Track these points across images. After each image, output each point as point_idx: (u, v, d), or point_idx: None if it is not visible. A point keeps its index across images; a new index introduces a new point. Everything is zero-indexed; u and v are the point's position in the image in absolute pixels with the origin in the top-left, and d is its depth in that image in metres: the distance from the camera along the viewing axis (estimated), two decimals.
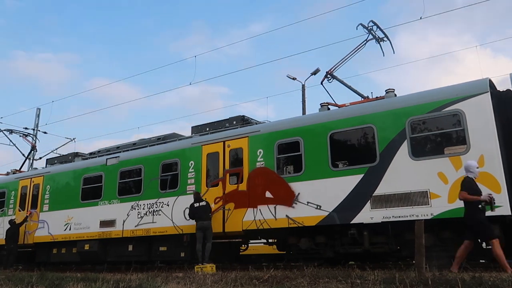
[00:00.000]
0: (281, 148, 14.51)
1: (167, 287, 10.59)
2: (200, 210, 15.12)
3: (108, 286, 10.34)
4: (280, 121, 15.52)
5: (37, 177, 22.02)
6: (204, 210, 15.09)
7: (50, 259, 20.84)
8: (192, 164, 16.44)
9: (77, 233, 19.27)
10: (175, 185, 16.73)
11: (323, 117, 14.12)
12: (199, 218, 15.05)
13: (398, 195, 12.01)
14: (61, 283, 11.30)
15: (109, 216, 18.35)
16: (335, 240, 13.40)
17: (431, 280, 8.13)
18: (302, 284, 9.51)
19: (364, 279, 9.17)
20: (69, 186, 20.39)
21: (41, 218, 21.05)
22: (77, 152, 22.99)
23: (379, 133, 12.68)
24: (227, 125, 17.26)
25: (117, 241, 18.08)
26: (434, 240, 11.82)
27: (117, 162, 18.78)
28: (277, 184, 14.19)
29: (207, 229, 15.03)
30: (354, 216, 12.55)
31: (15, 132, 27.77)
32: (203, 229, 15.01)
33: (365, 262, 12.95)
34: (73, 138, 29.89)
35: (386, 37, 15.51)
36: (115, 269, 17.57)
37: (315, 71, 27.20)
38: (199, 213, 15.08)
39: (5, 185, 23.68)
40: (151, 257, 17.27)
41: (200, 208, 15.13)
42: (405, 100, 12.77)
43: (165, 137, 19.14)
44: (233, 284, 10.23)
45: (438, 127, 11.94)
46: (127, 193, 18.16)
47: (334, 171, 13.23)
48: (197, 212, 15.13)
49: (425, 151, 11.98)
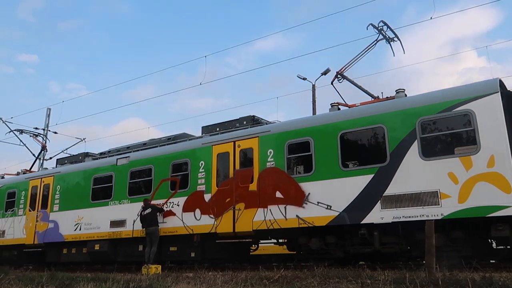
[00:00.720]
0: (291, 148, 14.70)
1: (178, 287, 10.78)
2: (146, 217, 16.79)
3: (119, 286, 10.57)
4: (290, 121, 15.74)
5: (47, 177, 22.34)
6: (150, 217, 16.74)
7: (60, 259, 21.15)
8: (202, 164, 16.67)
9: (88, 233, 19.58)
10: (185, 185, 16.91)
11: (334, 117, 14.31)
12: (146, 226, 16.77)
13: (408, 195, 12.17)
14: (71, 283, 11.55)
15: (119, 216, 18.62)
16: (346, 240, 13.60)
17: (441, 280, 8.33)
18: (312, 284, 9.72)
19: (374, 279, 9.39)
20: (79, 186, 20.69)
21: (51, 218, 21.35)
22: (87, 152, 23.34)
23: (389, 133, 12.85)
24: (237, 125, 17.46)
25: (128, 241, 18.36)
26: (444, 240, 11.96)
27: (128, 162, 19.08)
28: (287, 184, 14.38)
29: (152, 234, 16.66)
30: (365, 216, 12.72)
31: (26, 132, 28.13)
32: (149, 235, 16.69)
33: (375, 262, 13.12)
34: (83, 138, 30.18)
35: (396, 37, 15.68)
36: (125, 269, 17.82)
37: (326, 71, 27.37)
38: (146, 221, 16.77)
39: (15, 185, 24.01)
40: (161, 257, 17.44)
41: (146, 216, 16.81)
42: (416, 100, 12.93)
43: (175, 137, 19.38)
44: (243, 284, 10.44)
45: (448, 127, 12.09)
46: (137, 193, 18.43)
47: (345, 171, 13.41)
48: (143, 220, 16.90)
49: (435, 151, 12.12)
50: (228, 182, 15.86)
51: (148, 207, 16.90)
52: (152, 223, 16.62)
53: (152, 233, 16.56)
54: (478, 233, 11.78)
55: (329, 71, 26.98)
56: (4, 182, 25.01)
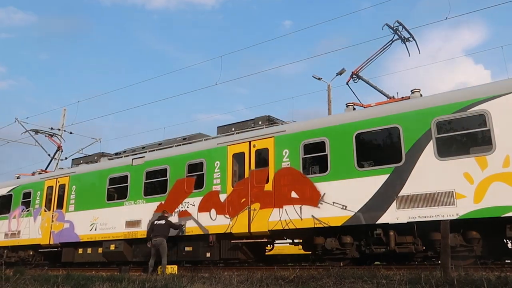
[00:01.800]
0: (307, 148, 14.98)
1: (193, 287, 10.99)
2: (157, 228, 16.68)
3: (134, 286, 10.81)
4: (306, 121, 15.99)
5: (63, 177, 22.78)
6: (161, 229, 16.65)
7: (75, 259, 21.57)
8: (218, 164, 16.98)
9: (103, 233, 19.97)
10: (200, 185, 17.20)
11: (349, 117, 14.56)
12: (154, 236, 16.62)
13: (423, 195, 12.41)
14: (87, 283, 11.80)
15: (134, 216, 18.98)
16: (361, 240, 13.85)
17: (456, 280, 8.52)
18: (327, 284, 9.94)
19: (389, 279, 9.57)
20: (94, 186, 21.09)
21: (66, 218, 21.76)
22: (102, 152, 23.71)
23: (404, 133, 13.10)
24: (252, 125, 17.75)
25: (143, 241, 18.55)
26: (459, 240, 12.21)
27: (143, 162, 19.42)
28: (303, 184, 14.66)
29: (159, 245, 16.55)
30: (380, 216, 12.99)
31: (41, 132, 28.52)
32: (155, 246, 16.61)
33: (390, 263, 13.37)
34: (99, 138, 30.45)
35: (411, 37, 15.82)
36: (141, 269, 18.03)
37: (341, 71, 27.49)
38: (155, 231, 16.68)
39: (31, 185, 24.44)
40: (177, 257, 17.75)
41: (157, 226, 16.70)
42: (431, 100, 13.16)
43: (190, 137, 19.68)
44: (259, 284, 10.67)
45: (463, 127, 12.33)
46: (152, 193, 18.77)
47: (360, 171, 13.67)
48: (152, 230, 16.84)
49: (450, 151, 12.37)
50: (243, 182, 16.15)
51: (163, 218, 16.92)
52: (159, 234, 16.54)
53: (160, 244, 16.49)
54: (493, 233, 11.96)
55: (344, 71, 27.09)
56: (20, 182, 25.43)
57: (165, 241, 16.48)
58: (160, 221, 16.69)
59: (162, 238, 16.44)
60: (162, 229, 16.57)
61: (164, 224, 16.64)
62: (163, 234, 16.50)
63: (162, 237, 16.45)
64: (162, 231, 16.54)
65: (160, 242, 16.38)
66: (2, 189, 25.89)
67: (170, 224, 16.85)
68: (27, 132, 28.19)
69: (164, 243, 16.45)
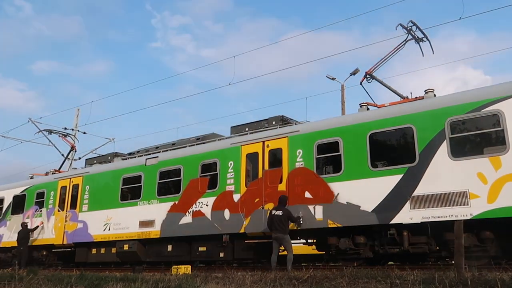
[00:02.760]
0: (320, 148, 15.20)
1: (207, 287, 11.19)
2: (275, 219, 14.58)
3: (148, 286, 11.00)
4: (319, 121, 16.23)
5: (76, 177, 23.16)
6: (279, 220, 14.49)
7: (89, 259, 21.96)
8: (232, 164, 17.23)
9: (117, 233, 20.30)
10: (214, 185, 17.46)
11: (363, 118, 14.78)
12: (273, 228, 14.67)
13: (437, 195, 12.60)
14: (100, 283, 11.98)
15: (148, 216, 19.27)
16: (375, 240, 14.06)
17: (470, 281, 8.64)
18: (341, 285, 10.08)
19: (403, 280, 9.70)
20: (108, 186, 21.44)
21: (80, 218, 22.11)
22: (116, 152, 24.04)
23: (418, 133, 13.29)
24: (266, 125, 17.98)
25: (156, 241, 18.96)
26: (473, 240, 12.38)
27: (157, 162, 19.73)
28: (316, 184, 14.89)
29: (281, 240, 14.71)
30: (394, 216, 13.19)
31: (55, 132, 28.97)
32: (277, 240, 14.74)
33: (404, 263, 13.49)
34: (113, 138, 30.80)
35: (425, 37, 15.96)
36: (154, 269, 18.28)
37: (355, 71, 27.54)
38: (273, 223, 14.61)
39: (44, 185, 24.83)
40: (190, 257, 18.05)
41: (275, 217, 14.58)
42: (445, 100, 13.37)
43: (204, 137, 19.97)
44: (272, 284, 10.85)
45: (477, 127, 12.52)
46: (166, 193, 19.05)
47: (374, 171, 13.89)
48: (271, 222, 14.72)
49: (464, 151, 12.57)
50: (257, 182, 16.40)
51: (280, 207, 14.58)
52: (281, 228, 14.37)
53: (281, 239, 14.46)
54: (507, 233, 12.10)
55: (358, 71, 27.15)
56: (33, 182, 25.84)
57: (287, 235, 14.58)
58: (277, 212, 14.57)
59: (283, 233, 14.49)
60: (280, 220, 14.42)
61: (282, 215, 14.48)
62: (282, 229, 14.45)
63: (282, 232, 14.48)
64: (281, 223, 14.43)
65: (281, 237, 14.47)
66: (16, 189, 26.31)
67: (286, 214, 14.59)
68: (40, 132, 28.67)
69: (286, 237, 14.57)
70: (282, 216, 14.46)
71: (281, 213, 14.51)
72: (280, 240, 14.63)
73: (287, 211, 14.65)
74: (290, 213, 14.65)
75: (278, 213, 14.53)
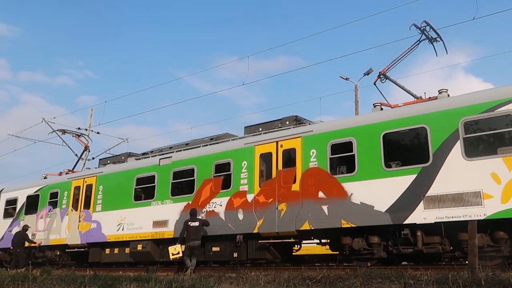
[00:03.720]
0: (334, 148, 15.40)
1: (220, 287, 11.38)
2: (193, 229, 17.04)
3: (161, 286, 11.24)
4: (333, 121, 16.47)
5: (90, 177, 23.51)
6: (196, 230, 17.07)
7: (102, 259, 22.27)
8: (245, 164, 17.47)
9: (130, 233, 20.59)
10: (228, 185, 17.71)
11: (376, 118, 14.96)
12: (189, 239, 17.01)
13: (451, 195, 12.78)
14: (114, 283, 12.23)
15: (162, 216, 19.56)
16: (388, 241, 14.24)
17: (484, 281, 8.85)
18: (355, 285, 10.29)
19: (417, 280, 9.90)
20: (122, 186, 21.74)
21: (93, 218, 22.44)
22: (130, 152, 24.34)
23: (432, 133, 13.48)
24: (279, 125, 18.18)
25: (170, 241, 19.07)
26: (487, 240, 12.53)
27: (170, 162, 20.01)
28: (330, 184, 15.10)
29: (196, 249, 17.16)
30: (407, 217, 13.37)
31: (68, 132, 29.39)
32: (192, 248, 17.14)
33: (418, 263, 13.73)
34: (126, 138, 31.17)
35: (439, 37, 16.07)
36: (168, 269, 18.56)
37: (368, 71, 27.68)
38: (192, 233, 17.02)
39: (58, 185, 25.19)
40: (204, 257, 18.28)
41: (193, 228, 17.07)
42: (458, 101, 13.52)
43: (217, 137, 20.22)
44: (286, 284, 11.07)
45: (491, 127, 12.69)
46: (180, 193, 19.33)
47: (387, 171, 14.08)
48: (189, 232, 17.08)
49: (478, 151, 12.74)
50: (270, 182, 16.61)
51: (195, 218, 17.36)
52: (198, 237, 17.10)
53: (197, 247, 17.18)
54: None
55: (372, 71, 27.28)
56: (47, 182, 26.21)
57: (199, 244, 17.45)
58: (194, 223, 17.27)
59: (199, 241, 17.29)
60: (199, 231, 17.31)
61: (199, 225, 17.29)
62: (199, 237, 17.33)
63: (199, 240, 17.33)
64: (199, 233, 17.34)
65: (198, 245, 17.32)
66: (29, 189, 26.70)
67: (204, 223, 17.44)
68: (54, 132, 29.09)
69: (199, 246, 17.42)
70: (199, 226, 17.05)
71: (197, 224, 17.05)
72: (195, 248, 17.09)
73: (201, 220, 17.24)
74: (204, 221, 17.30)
75: (195, 224, 17.05)
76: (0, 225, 27.72)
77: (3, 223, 27.60)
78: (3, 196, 28.54)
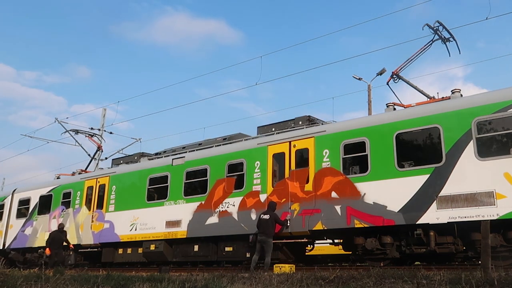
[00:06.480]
0: (347, 148, 15.63)
1: (233, 287, 11.55)
2: (262, 222, 15.83)
3: (174, 286, 11.40)
4: (346, 122, 16.69)
5: (103, 177, 23.90)
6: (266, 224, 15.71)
7: (115, 259, 22.65)
8: (258, 165, 17.73)
9: (143, 234, 20.91)
10: (241, 185, 17.99)
11: (389, 118, 15.18)
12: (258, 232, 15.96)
13: (464, 195, 12.98)
14: (127, 283, 12.37)
15: (175, 216, 19.86)
16: (401, 241, 14.45)
17: (497, 281, 8.94)
18: (368, 285, 10.39)
19: (430, 280, 10.00)
20: (135, 186, 22.07)
21: (106, 218, 22.82)
22: (143, 152, 24.65)
23: (445, 133, 13.68)
24: (292, 125, 18.42)
25: (183, 241, 19.56)
26: (500, 240, 12.72)
27: (183, 162, 20.32)
28: (343, 184, 15.34)
29: (264, 243, 15.80)
30: (420, 217, 13.58)
31: (81, 132, 29.85)
32: (260, 242, 15.90)
33: (431, 263, 13.92)
34: (139, 138, 31.50)
35: (452, 37, 16.23)
36: (180, 269, 18.83)
37: (381, 71, 27.81)
38: (262, 226, 15.80)
39: (71, 185, 25.59)
40: (217, 257, 18.61)
41: (262, 221, 15.83)
42: (471, 101, 13.73)
43: (230, 137, 20.50)
44: (299, 284, 11.20)
45: (504, 127, 12.88)
46: (193, 193, 19.62)
47: (400, 171, 14.30)
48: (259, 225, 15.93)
49: (491, 151, 12.94)
50: (283, 182, 16.86)
51: (268, 211, 16.05)
52: (266, 232, 15.67)
53: (264, 241, 15.75)
54: None
55: (384, 71, 27.41)
56: (60, 183, 26.63)
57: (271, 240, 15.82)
58: (265, 216, 15.86)
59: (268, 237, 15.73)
60: (269, 224, 15.71)
61: (270, 218, 15.75)
62: (271, 232, 15.75)
63: (270, 235, 15.78)
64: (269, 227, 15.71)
65: (265, 240, 15.71)
66: (42, 189, 27.14)
67: (275, 218, 15.91)
68: (67, 132, 29.51)
69: (270, 242, 15.77)
70: (269, 220, 15.68)
71: (268, 217, 15.73)
72: (263, 242, 15.73)
73: (274, 215, 15.89)
74: (276, 216, 15.91)
75: (265, 217, 15.75)
76: (13, 225, 28.20)
77: (16, 223, 28.06)
78: (16, 196, 28.99)
